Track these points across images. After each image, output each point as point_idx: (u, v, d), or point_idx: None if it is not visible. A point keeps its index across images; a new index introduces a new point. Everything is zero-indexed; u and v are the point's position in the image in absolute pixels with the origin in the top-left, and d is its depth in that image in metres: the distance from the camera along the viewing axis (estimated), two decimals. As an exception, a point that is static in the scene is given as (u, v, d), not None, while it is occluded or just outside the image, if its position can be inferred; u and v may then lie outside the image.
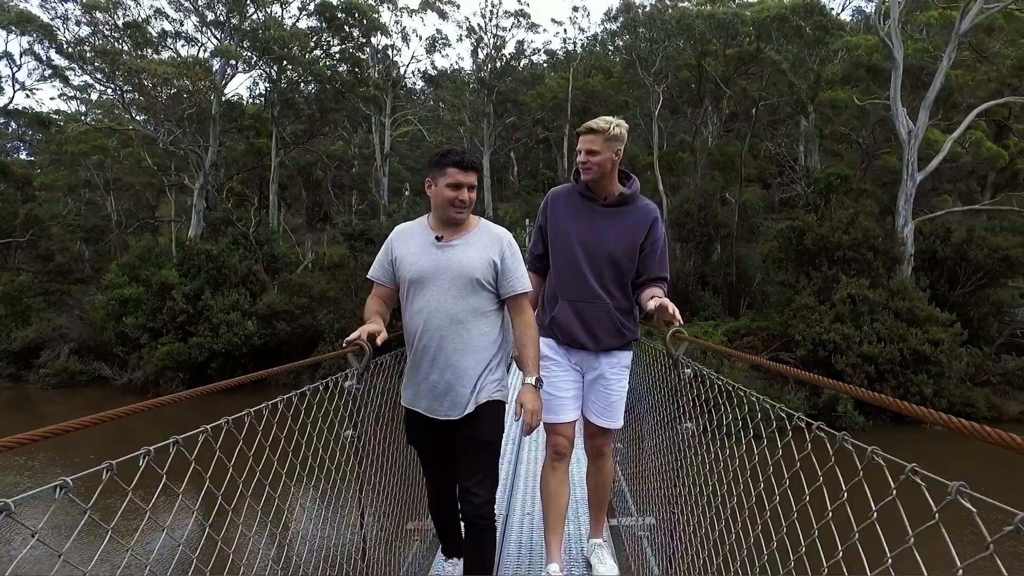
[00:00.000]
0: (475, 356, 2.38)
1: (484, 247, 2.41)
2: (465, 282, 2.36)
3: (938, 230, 19.42)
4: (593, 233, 2.71)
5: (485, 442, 2.44)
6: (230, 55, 24.76)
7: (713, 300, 21.35)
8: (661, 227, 2.81)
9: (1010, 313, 17.18)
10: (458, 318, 2.35)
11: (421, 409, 2.44)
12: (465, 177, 2.35)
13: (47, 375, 20.24)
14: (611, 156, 2.63)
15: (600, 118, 2.69)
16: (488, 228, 2.49)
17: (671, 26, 23.70)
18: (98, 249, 31.61)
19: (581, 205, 2.75)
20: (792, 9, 21.83)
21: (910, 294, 16.06)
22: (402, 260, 2.43)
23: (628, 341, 2.83)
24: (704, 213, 23.01)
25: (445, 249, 2.39)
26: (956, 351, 15.31)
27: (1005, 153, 24.31)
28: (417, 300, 2.39)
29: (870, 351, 15.08)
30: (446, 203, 2.37)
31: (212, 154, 25.77)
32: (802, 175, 22.71)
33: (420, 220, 2.53)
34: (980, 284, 18.19)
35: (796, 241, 18.22)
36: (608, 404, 2.81)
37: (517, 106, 35.84)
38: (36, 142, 39.77)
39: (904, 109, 18.83)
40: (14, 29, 24.45)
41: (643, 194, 2.84)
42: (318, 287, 21.74)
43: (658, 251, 2.76)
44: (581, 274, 2.68)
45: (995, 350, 17.09)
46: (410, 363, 2.48)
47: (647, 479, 3.48)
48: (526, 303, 2.49)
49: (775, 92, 25.85)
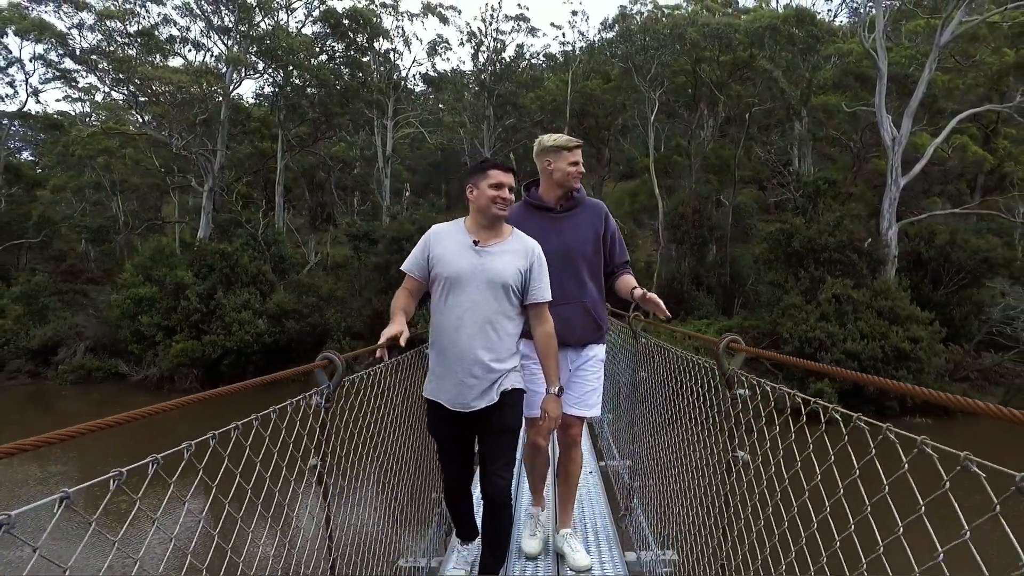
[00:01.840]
0: (500, 354, 2.52)
1: (516, 256, 2.56)
2: (498, 286, 2.50)
3: (923, 232, 20.19)
4: (560, 238, 2.89)
5: (509, 429, 2.62)
6: (239, 63, 25.49)
7: (707, 299, 22.10)
8: (612, 218, 3.08)
9: (987, 312, 17.94)
10: (490, 318, 2.49)
11: (445, 401, 2.55)
12: (506, 177, 2.53)
13: (65, 372, 21.01)
14: None
15: (569, 135, 2.99)
16: (520, 238, 2.64)
17: (664, 35, 24.42)
18: (104, 250, 32.32)
19: (538, 216, 2.93)
20: (784, 19, 22.57)
21: (892, 294, 16.84)
22: (440, 259, 2.54)
23: (603, 333, 3.05)
24: (699, 216, 23.74)
25: (482, 254, 2.53)
26: (935, 348, 16.09)
27: (990, 157, 25.05)
28: (452, 298, 2.51)
29: (853, 348, 15.86)
30: (489, 202, 2.51)
31: (221, 157, 26.51)
32: (791, 179, 23.45)
33: (457, 223, 2.66)
34: (962, 284, 18.96)
35: (785, 243, 19.00)
36: (583, 394, 2.99)
37: (517, 108, 36.44)
38: (39, 142, 40.27)
39: (889, 116, 19.59)
40: (30, 37, 25.20)
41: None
42: (326, 287, 22.52)
43: (618, 239, 3.05)
44: (559, 279, 2.79)
45: (974, 347, 17.88)
46: (436, 357, 2.59)
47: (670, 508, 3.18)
48: (547, 312, 2.64)
49: (769, 97, 26.61)
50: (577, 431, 3.06)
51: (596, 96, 32.78)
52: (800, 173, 24.76)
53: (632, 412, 4.35)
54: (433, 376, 2.61)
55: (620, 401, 5.44)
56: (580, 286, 2.92)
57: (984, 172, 27.54)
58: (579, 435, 3.10)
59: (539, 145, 2.99)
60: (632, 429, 4.31)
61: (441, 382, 2.55)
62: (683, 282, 22.80)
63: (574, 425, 3.02)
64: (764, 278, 20.47)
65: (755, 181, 32.00)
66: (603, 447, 5.82)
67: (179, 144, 25.27)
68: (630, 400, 4.51)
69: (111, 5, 25.44)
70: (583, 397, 2.98)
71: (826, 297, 16.82)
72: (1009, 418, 0.91)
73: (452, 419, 2.56)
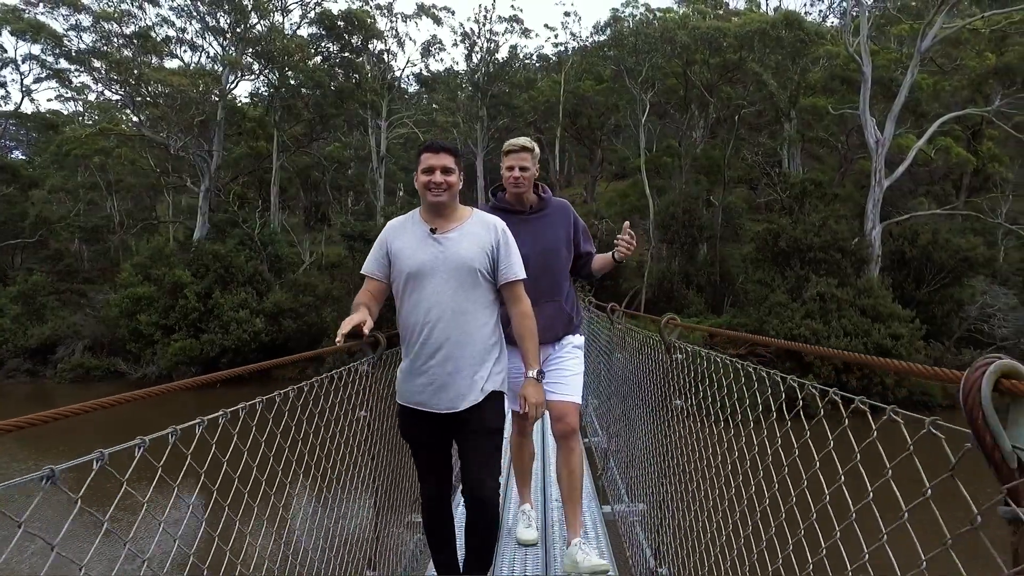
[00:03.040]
0: (475, 347, 2.38)
1: (479, 236, 2.41)
2: (465, 273, 2.36)
3: (907, 232, 20.72)
4: (534, 240, 2.88)
5: (492, 431, 2.46)
6: (236, 65, 25.76)
7: (697, 298, 22.55)
8: (576, 214, 3.15)
9: (966, 310, 18.48)
10: (460, 309, 2.35)
11: (420, 405, 2.40)
12: (437, 159, 2.36)
13: (64, 370, 21.28)
14: (534, 171, 2.93)
15: (523, 138, 2.95)
16: (481, 217, 2.49)
17: (655, 39, 24.85)
18: (98, 249, 32.42)
19: (510, 219, 2.80)
20: (772, 24, 23.04)
21: (875, 292, 17.35)
22: (399, 254, 2.40)
23: (578, 324, 3.13)
24: (689, 216, 24.18)
25: (442, 240, 2.38)
26: (916, 344, 16.60)
27: (973, 158, 25.61)
28: (416, 293, 2.36)
29: (837, 345, 16.33)
30: (423, 188, 2.38)
31: (217, 158, 26.78)
32: (778, 180, 23.95)
33: (412, 214, 2.53)
34: (944, 283, 19.50)
35: (772, 243, 19.48)
36: (564, 379, 2.98)
37: (510, 109, 36.78)
38: (31, 141, 40.18)
39: (873, 119, 20.09)
40: (26, 37, 25.38)
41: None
42: (322, 286, 22.85)
43: (582, 232, 3.13)
44: (535, 280, 2.73)
45: (955, 344, 18.41)
46: (408, 358, 2.43)
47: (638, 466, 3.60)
48: (522, 291, 2.51)
49: (758, 99, 27.09)
50: (571, 421, 2.98)
51: (588, 97, 33.20)
52: (787, 174, 25.23)
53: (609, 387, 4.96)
54: (406, 378, 2.44)
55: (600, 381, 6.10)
56: (555, 285, 2.98)
57: (969, 173, 28.14)
58: (575, 423, 3.02)
59: None
60: (609, 401, 4.96)
61: (414, 383, 2.40)
62: (673, 281, 23.25)
63: (568, 413, 2.96)
64: (752, 277, 20.96)
65: (745, 181, 32.52)
66: (587, 426, 6.34)
67: (177, 146, 25.53)
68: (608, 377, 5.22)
69: (106, 5, 25.68)
70: (565, 382, 2.99)
71: (811, 295, 17.31)
72: (941, 376, 0.92)
73: (430, 421, 2.41)
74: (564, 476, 3.02)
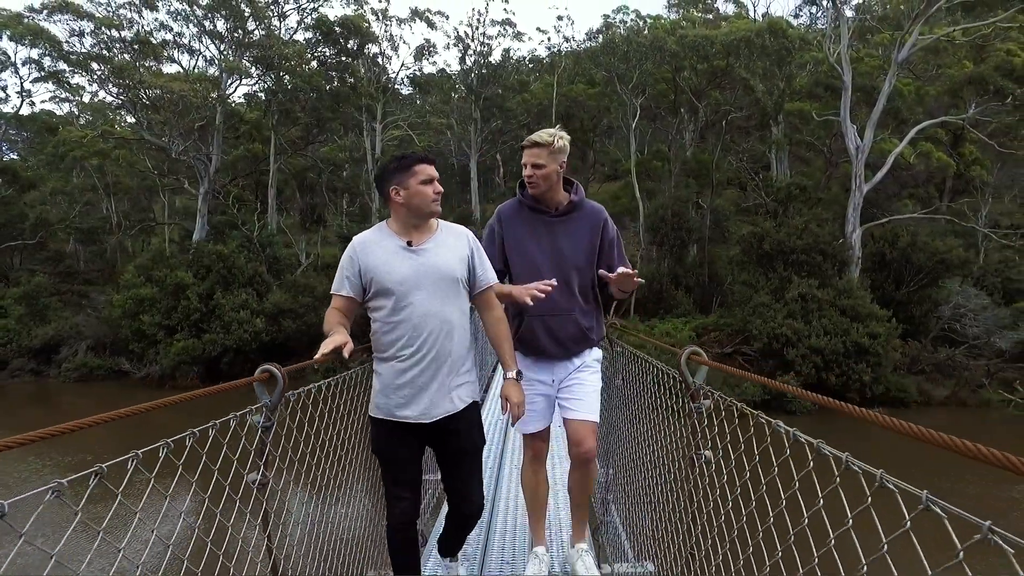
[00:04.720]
0: (460, 356, 2.41)
1: (454, 247, 2.42)
2: (448, 284, 2.37)
3: (887, 235, 21.46)
4: (553, 245, 2.72)
5: (477, 446, 2.51)
6: (236, 70, 26.25)
7: (685, 298, 23.23)
8: (612, 225, 2.84)
9: (940, 310, 19.24)
10: (446, 319, 2.35)
11: (403, 417, 2.36)
12: (434, 171, 2.37)
13: (68, 370, 21.76)
14: (556, 168, 2.64)
15: (544, 131, 2.67)
16: (450, 228, 2.49)
17: (645, 47, 25.53)
18: (94, 251, 32.78)
19: (533, 218, 2.74)
20: (757, 32, 23.74)
21: (854, 293, 18.08)
22: (375, 269, 2.33)
23: (594, 339, 2.87)
24: (678, 218, 24.87)
25: (420, 253, 2.36)
26: (892, 343, 17.34)
27: (952, 163, 26.42)
28: (399, 307, 2.32)
29: (817, 344, 17.07)
30: (427, 200, 2.34)
31: (216, 161, 27.26)
32: (763, 185, 24.68)
33: (379, 228, 2.45)
34: (922, 284, 20.26)
35: (756, 245, 20.18)
36: (582, 397, 2.77)
37: (503, 111, 37.28)
38: (25, 142, 40.23)
39: (854, 126, 20.83)
40: (24, 42, 25.75)
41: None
42: (321, 287, 23.37)
43: (617, 248, 2.81)
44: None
45: (931, 343, 19.17)
46: (392, 372, 2.36)
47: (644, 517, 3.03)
48: (495, 297, 2.52)
49: (746, 103, 27.82)
50: (590, 444, 2.75)
51: (581, 100, 33.83)
52: (772, 178, 25.97)
53: (609, 421, 4.08)
54: (387, 390, 2.38)
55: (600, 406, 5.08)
56: (569, 296, 2.74)
57: (951, 176, 28.95)
58: (593, 449, 2.80)
59: None
60: (608, 439, 4.10)
61: (397, 395, 2.35)
62: (663, 282, 23.91)
63: (586, 439, 2.72)
64: (738, 278, 21.66)
65: (734, 184, 33.25)
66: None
67: (177, 150, 26.05)
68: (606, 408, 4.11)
69: (105, 10, 26.08)
70: (583, 400, 2.76)
71: (792, 296, 18.02)
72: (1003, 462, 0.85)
73: (411, 432, 2.39)
74: (576, 489, 2.90)
